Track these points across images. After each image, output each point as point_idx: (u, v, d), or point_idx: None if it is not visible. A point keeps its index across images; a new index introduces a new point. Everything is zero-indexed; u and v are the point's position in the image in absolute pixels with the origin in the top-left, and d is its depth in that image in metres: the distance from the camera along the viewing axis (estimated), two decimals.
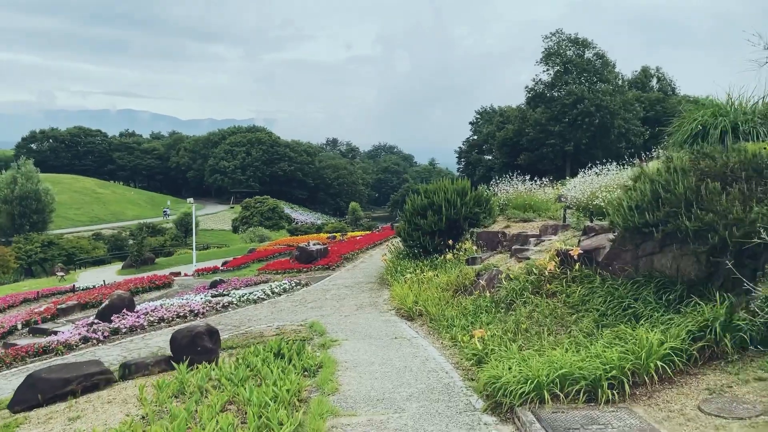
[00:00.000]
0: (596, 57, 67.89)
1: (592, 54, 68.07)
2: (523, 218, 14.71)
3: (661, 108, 75.93)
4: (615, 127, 64.46)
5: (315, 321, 10.39)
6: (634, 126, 66.70)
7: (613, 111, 63.46)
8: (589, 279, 8.28)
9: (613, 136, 64.76)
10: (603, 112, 63.15)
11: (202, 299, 12.48)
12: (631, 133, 66.96)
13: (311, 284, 15.17)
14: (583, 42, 67.78)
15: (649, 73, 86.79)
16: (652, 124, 75.46)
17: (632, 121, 66.55)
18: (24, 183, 48.35)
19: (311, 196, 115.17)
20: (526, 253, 11.26)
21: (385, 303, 12.24)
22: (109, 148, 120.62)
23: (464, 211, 14.39)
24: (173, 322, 11.33)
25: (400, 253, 15.59)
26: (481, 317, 8.72)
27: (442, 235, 14.37)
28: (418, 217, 14.78)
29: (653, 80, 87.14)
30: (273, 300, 13.06)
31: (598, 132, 64.49)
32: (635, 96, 71.89)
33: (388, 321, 10.32)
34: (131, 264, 37.58)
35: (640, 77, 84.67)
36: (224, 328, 10.66)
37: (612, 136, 64.69)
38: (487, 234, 13.65)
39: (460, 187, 14.93)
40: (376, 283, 14.84)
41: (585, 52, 68.06)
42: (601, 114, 63.17)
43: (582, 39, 67.85)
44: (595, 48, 68.34)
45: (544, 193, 17.19)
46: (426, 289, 11.18)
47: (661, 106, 76.14)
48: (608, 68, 68.32)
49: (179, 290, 16.81)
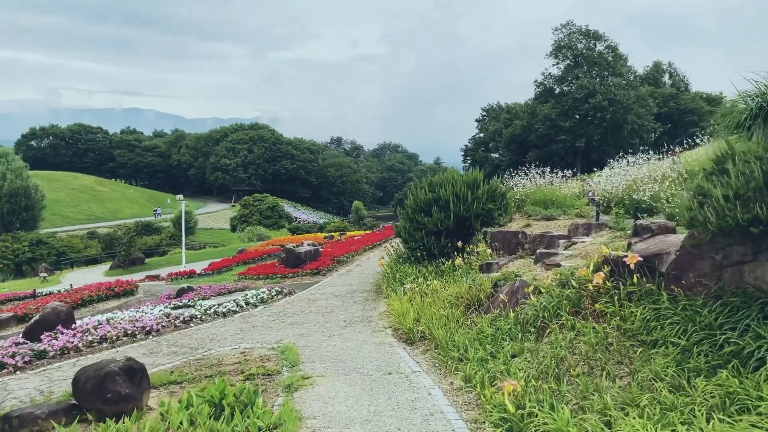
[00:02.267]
0: (608, 50, 65.42)
1: (603, 47, 65.63)
2: (546, 216, 12.49)
3: (674, 104, 73.54)
4: (628, 123, 62.03)
5: (289, 345, 8.22)
6: (647, 122, 64.23)
7: (627, 106, 61.03)
8: (652, 297, 6.07)
9: (625, 132, 62.33)
10: (616, 106, 60.71)
11: (160, 312, 10.35)
12: (644, 130, 64.53)
13: (295, 293, 12.98)
14: (595, 34, 65.36)
15: (661, 68, 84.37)
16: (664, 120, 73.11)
17: (645, 116, 64.10)
18: (13, 179, 46.38)
19: (314, 195, 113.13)
20: (555, 259, 9.07)
21: (380, 318, 10.06)
22: (109, 145, 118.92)
23: (476, 208, 12.17)
24: (118, 342, 9.19)
25: (400, 257, 13.39)
26: (504, 346, 6.53)
27: (450, 236, 12.17)
28: (422, 214, 12.58)
29: (665, 76, 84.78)
30: (246, 313, 10.88)
31: (610, 128, 62.08)
32: (648, 92, 69.44)
33: (381, 344, 8.14)
34: (119, 264, 35.55)
35: (652, 72, 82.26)
36: (177, 352, 8.52)
37: (624, 132, 62.26)
38: (503, 234, 11.44)
39: (470, 179, 12.71)
40: (372, 291, 12.64)
41: (596, 45, 65.62)
42: (613, 109, 60.74)
43: (593, 31, 65.44)
44: (606, 41, 65.89)
45: (567, 187, 14.96)
46: (430, 303, 8.99)
47: (674, 103, 73.74)
48: (620, 62, 65.87)
49: (144, 299, 14.65)
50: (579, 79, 63.04)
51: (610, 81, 62.89)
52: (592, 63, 64.35)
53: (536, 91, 67.98)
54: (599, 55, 64.93)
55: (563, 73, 65.26)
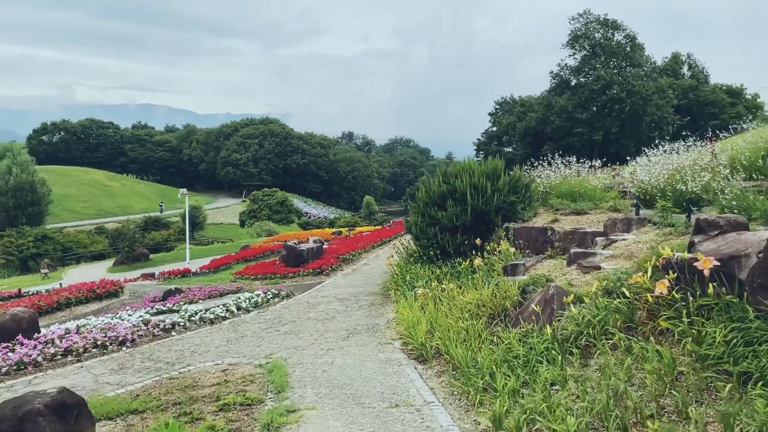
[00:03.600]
0: (627, 39, 63.25)
1: (622, 36, 63.45)
2: (575, 210, 11.09)
3: (693, 96, 71.44)
4: (647, 115, 59.93)
5: (279, 362, 6.95)
6: (667, 113, 62.08)
7: (646, 97, 58.91)
8: (733, 311, 4.73)
9: (644, 125, 60.25)
10: (635, 98, 58.62)
11: (139, 319, 9.14)
12: (663, 122, 62.41)
13: (294, 295, 11.69)
14: (613, 23, 63.18)
15: (679, 59, 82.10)
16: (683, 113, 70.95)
17: (665, 108, 61.93)
18: (18, 174, 45.61)
19: (325, 190, 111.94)
20: (593, 260, 7.71)
21: (387, 327, 8.76)
22: (120, 140, 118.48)
23: (496, 200, 10.80)
24: (86, 354, 7.99)
25: (411, 256, 12.03)
26: (541, 372, 5.20)
27: (467, 232, 10.83)
28: (435, 208, 11.23)
29: (684, 67, 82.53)
30: (237, 319, 9.63)
31: (628, 120, 60.04)
32: (667, 83, 67.29)
33: (388, 362, 6.84)
34: (123, 260, 34.58)
35: (670, 64, 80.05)
36: (150, 368, 7.28)
37: (643, 125, 60.17)
38: (528, 231, 10.07)
39: (490, 169, 11.33)
40: (379, 294, 11.32)
41: (614, 35, 63.48)
42: (632, 100, 58.67)
43: (611, 20, 63.27)
44: (625, 30, 63.71)
45: (596, 179, 13.52)
46: (446, 311, 7.67)
47: (693, 95, 71.68)
48: (639, 52, 63.70)
49: (129, 301, 13.41)
50: (596, 69, 61.02)
51: (628, 72, 60.82)
52: (610, 53, 62.23)
53: (552, 82, 66.02)
54: (617, 45, 62.78)
55: (580, 63, 63.19)
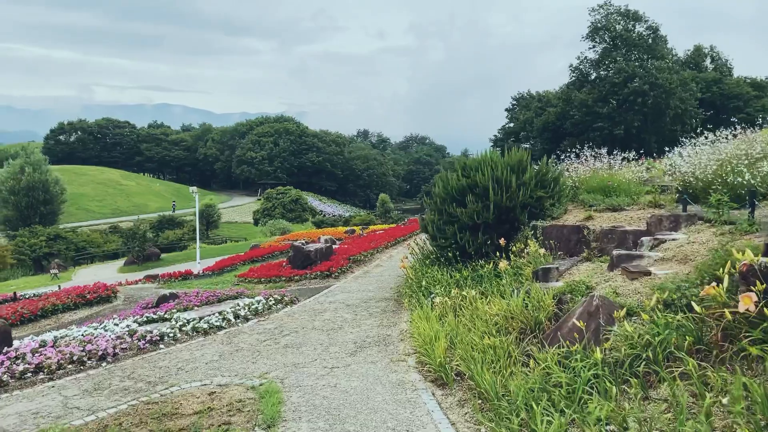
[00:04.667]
0: (649, 31, 61.36)
1: (643, 28, 61.59)
2: (610, 206, 9.95)
3: (717, 89, 69.52)
4: (671, 108, 58.03)
5: (273, 385, 5.96)
6: (691, 107, 60.13)
7: (669, 90, 57.02)
8: None
9: (668, 119, 58.37)
10: (657, 91, 56.78)
11: (125, 329, 8.23)
12: (687, 115, 60.47)
13: (299, 301, 10.69)
14: (634, 15, 61.36)
15: (702, 52, 79.94)
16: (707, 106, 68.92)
17: (689, 101, 59.98)
18: (31, 173, 45.34)
19: (340, 188, 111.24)
20: (640, 263, 6.60)
21: (401, 339, 7.73)
22: (137, 139, 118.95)
23: (522, 196, 9.71)
24: (60, 371, 7.08)
25: (427, 257, 10.97)
26: (591, 408, 4.13)
27: (489, 231, 9.75)
28: (454, 204, 10.17)
29: (707, 60, 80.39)
30: (233, 329, 8.67)
31: (650, 114, 58.23)
32: (690, 76, 65.32)
33: (401, 386, 5.82)
34: (133, 260, 33.98)
35: (693, 56, 77.99)
36: (129, 389, 6.34)
37: (667, 119, 58.30)
38: (559, 230, 8.97)
39: (514, 161, 10.23)
40: (392, 300, 10.29)
41: (636, 26, 61.64)
42: (655, 93, 56.83)
43: (633, 11, 61.43)
44: (647, 21, 61.84)
45: (630, 172, 12.35)
46: (468, 324, 6.62)
47: (717, 87, 69.79)
48: (661, 43, 61.80)
49: (121, 308, 12.50)
50: (617, 62, 59.28)
51: (650, 64, 58.99)
52: (631, 45, 60.43)
53: (571, 76, 64.34)
54: (639, 37, 60.97)
55: (600, 56, 61.45)
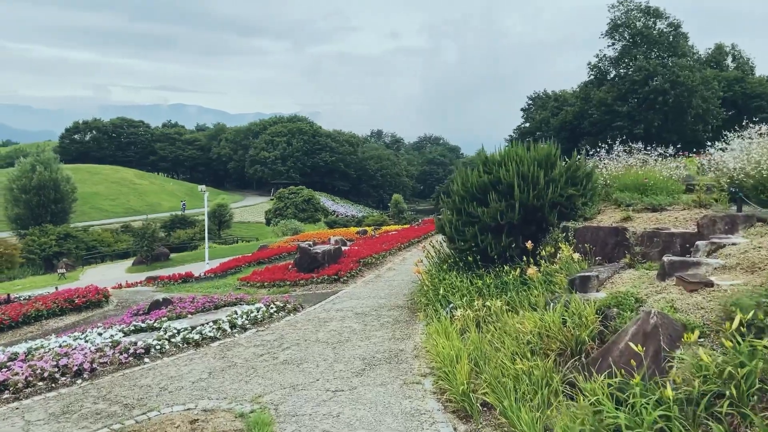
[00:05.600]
0: (670, 28, 59.72)
1: (664, 25, 59.97)
2: (649, 205, 8.91)
3: (739, 88, 67.82)
4: (692, 107, 56.40)
5: (264, 415, 5.04)
6: (713, 106, 58.43)
7: (691, 88, 55.39)
8: None
9: (690, 118, 56.73)
10: (679, 89, 55.18)
11: (108, 339, 7.38)
12: (709, 115, 58.80)
13: (303, 308, 9.75)
14: (655, 11, 59.77)
15: (723, 51, 78.08)
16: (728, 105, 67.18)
17: (711, 100, 58.30)
18: (42, 171, 45.03)
19: (353, 188, 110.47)
20: (698, 272, 5.59)
21: (415, 355, 6.77)
22: (151, 139, 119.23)
23: (551, 194, 8.71)
24: (27, 389, 6.23)
25: (444, 261, 9.98)
26: None
27: (514, 233, 8.77)
28: (474, 203, 9.20)
29: (728, 58, 78.56)
30: (229, 341, 7.76)
31: (671, 113, 56.66)
32: (712, 75, 63.63)
33: (415, 417, 4.88)
34: (142, 260, 33.40)
35: (714, 55, 76.17)
36: (102, 412, 5.47)
37: (689, 118, 56.66)
38: (594, 231, 7.96)
39: (542, 156, 9.23)
40: (406, 308, 9.33)
41: (656, 23, 60.05)
42: (677, 92, 55.24)
43: (653, 8, 59.85)
44: (668, 18, 60.22)
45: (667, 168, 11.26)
46: (496, 343, 5.65)
47: (739, 87, 68.08)
48: (683, 41, 60.14)
49: (114, 313, 11.57)
50: (637, 60, 57.77)
51: (671, 62, 57.40)
52: (651, 42, 58.87)
53: (590, 74, 62.88)
54: (660, 34, 59.39)
55: (620, 54, 59.97)
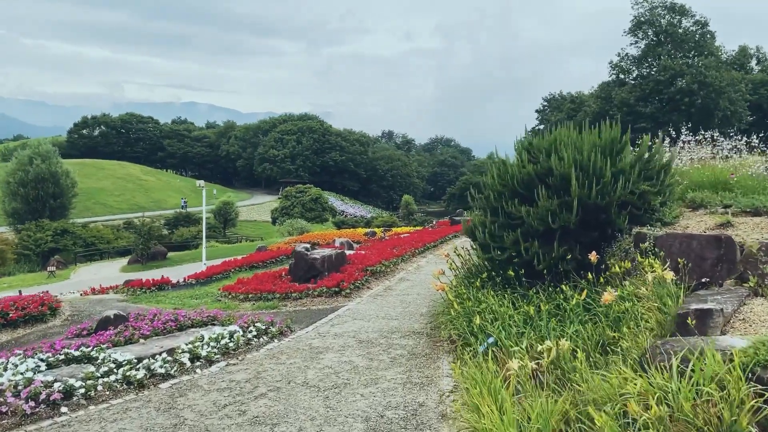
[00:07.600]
0: (697, 26, 57.23)
1: (690, 23, 57.49)
2: (749, 208, 6.77)
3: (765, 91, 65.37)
4: (719, 110, 53.92)
5: None
6: (741, 108, 55.95)
7: (719, 89, 52.91)
8: None
9: (717, 120, 54.23)
10: (707, 90, 52.69)
11: (16, 377, 5.36)
12: (736, 117, 56.40)
13: (292, 331, 7.56)
14: (681, 9, 57.32)
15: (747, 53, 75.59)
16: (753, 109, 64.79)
17: (738, 102, 55.83)
18: (40, 164, 43.40)
19: (363, 188, 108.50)
20: None
21: (440, 415, 4.64)
22: (160, 135, 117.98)
23: (620, 190, 6.55)
24: None
25: (474, 275, 7.78)
26: None
27: (569, 240, 6.62)
28: (515, 200, 7.05)
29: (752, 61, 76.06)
30: (185, 380, 5.69)
31: (696, 114, 54.21)
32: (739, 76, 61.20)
33: None
34: (137, 259, 31.57)
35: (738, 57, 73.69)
36: None
37: (716, 120, 54.15)
38: (684, 241, 5.82)
39: (605, 142, 7.11)
40: (424, 335, 7.16)
41: (682, 21, 57.59)
42: (704, 93, 52.75)
43: (679, 5, 57.41)
44: (694, 16, 57.76)
45: (747, 164, 9.12)
46: (571, 410, 3.55)
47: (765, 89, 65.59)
48: (710, 40, 57.66)
49: (60, 329, 9.43)
50: (662, 59, 55.35)
51: (697, 61, 54.96)
52: (677, 41, 56.44)
53: (611, 73, 60.51)
54: (685, 33, 56.94)
55: (643, 53, 57.57)
